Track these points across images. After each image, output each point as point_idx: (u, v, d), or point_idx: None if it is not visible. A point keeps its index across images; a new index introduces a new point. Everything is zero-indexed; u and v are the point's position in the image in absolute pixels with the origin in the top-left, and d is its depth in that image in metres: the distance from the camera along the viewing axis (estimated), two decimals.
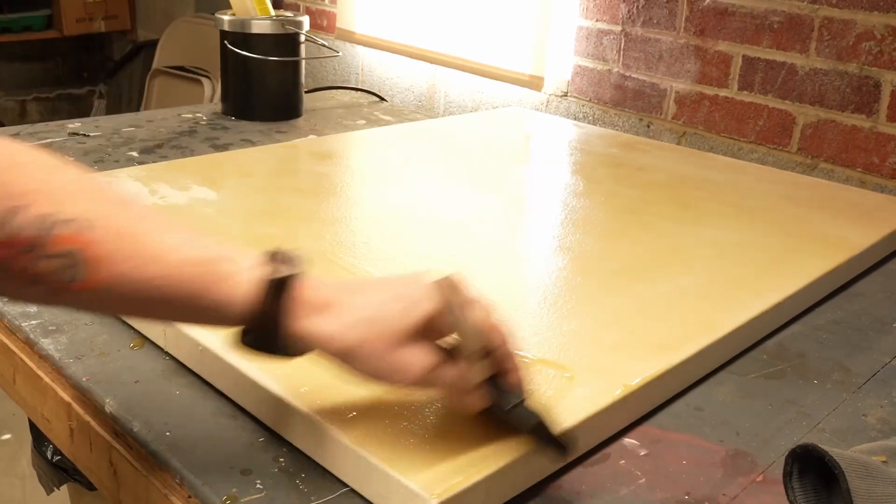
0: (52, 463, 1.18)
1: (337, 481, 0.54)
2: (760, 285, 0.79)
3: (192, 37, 2.70)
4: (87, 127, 1.31)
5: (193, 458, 0.55)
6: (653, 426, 0.63)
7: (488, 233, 0.90)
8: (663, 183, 1.09)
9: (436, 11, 1.83)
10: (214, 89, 2.53)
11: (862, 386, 0.70)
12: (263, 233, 0.84)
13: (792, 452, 0.52)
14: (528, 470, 0.55)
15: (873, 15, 1.21)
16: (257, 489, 0.53)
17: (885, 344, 0.77)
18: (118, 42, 3.31)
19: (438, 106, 1.86)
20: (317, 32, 2.11)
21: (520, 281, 0.79)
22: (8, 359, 0.74)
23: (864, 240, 0.92)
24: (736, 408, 0.65)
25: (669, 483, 0.56)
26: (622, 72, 1.52)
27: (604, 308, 0.73)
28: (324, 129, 1.38)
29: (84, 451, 0.65)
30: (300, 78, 1.43)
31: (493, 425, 0.54)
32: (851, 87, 1.24)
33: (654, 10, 1.45)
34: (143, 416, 0.59)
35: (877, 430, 0.64)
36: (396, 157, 1.16)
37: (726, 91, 1.39)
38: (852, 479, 0.48)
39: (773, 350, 0.75)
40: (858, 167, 1.26)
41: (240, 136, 1.31)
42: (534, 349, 0.65)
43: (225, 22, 1.36)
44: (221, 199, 0.93)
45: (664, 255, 0.86)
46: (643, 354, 0.66)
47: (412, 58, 1.88)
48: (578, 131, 1.37)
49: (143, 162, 1.14)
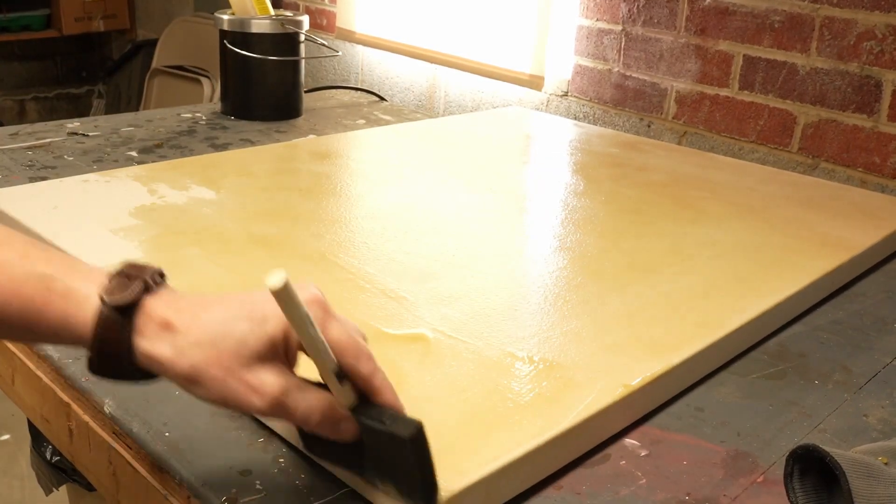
0: (51, 463, 1.18)
1: (337, 481, 0.53)
2: (761, 285, 0.79)
3: (191, 36, 2.69)
4: (86, 126, 1.31)
5: (193, 459, 0.55)
6: (653, 427, 0.63)
7: (488, 233, 0.90)
8: (664, 183, 1.09)
9: (436, 11, 1.82)
10: (214, 89, 2.53)
11: (863, 386, 0.69)
12: (262, 233, 0.84)
13: (793, 453, 0.52)
14: (529, 470, 0.54)
15: (874, 14, 1.20)
16: (257, 490, 0.53)
17: (886, 344, 0.77)
18: (117, 41, 3.31)
19: (438, 105, 1.86)
20: (316, 32, 2.11)
21: (520, 281, 0.79)
22: (7, 359, 0.74)
23: (865, 240, 0.92)
24: (737, 408, 0.65)
25: (670, 484, 0.56)
26: (623, 71, 1.52)
27: (604, 308, 0.73)
28: (323, 129, 1.37)
29: (83, 452, 0.64)
30: (300, 77, 1.43)
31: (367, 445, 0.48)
32: (852, 87, 1.24)
33: (654, 9, 1.45)
34: (143, 417, 0.59)
35: (878, 430, 0.64)
36: (396, 157, 1.16)
37: (727, 91, 1.39)
38: (853, 479, 0.48)
39: (774, 350, 0.74)
40: (859, 167, 1.26)
41: (239, 135, 1.31)
42: (534, 349, 0.65)
43: (224, 21, 1.36)
44: (220, 199, 0.93)
45: (664, 255, 0.85)
46: (643, 354, 0.66)
47: (412, 57, 1.88)
48: (579, 131, 1.37)
49: (142, 161, 1.14)
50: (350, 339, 0.46)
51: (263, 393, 0.44)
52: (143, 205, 0.89)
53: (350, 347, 0.46)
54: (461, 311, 0.70)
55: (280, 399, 0.45)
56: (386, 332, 0.66)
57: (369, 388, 0.47)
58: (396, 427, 0.46)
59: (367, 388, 0.47)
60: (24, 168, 1.09)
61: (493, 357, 0.64)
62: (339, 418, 0.47)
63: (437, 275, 0.77)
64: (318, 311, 0.46)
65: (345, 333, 0.46)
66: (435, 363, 0.62)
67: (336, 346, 0.46)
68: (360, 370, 0.46)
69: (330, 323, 0.46)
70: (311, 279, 0.74)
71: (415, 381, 0.60)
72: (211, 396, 0.45)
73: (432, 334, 0.66)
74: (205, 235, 0.82)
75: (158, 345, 0.45)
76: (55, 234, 0.79)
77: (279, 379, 0.45)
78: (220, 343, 0.44)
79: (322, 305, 0.46)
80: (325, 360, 0.45)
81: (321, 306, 0.46)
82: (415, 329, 0.67)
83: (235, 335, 0.44)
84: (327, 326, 0.46)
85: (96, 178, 0.97)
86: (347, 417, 0.47)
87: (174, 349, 0.44)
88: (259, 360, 0.45)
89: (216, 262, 0.76)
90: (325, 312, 0.46)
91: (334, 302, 0.70)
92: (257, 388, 0.44)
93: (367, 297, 0.72)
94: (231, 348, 0.44)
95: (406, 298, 0.72)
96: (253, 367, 0.44)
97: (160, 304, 0.46)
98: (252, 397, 0.44)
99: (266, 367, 0.45)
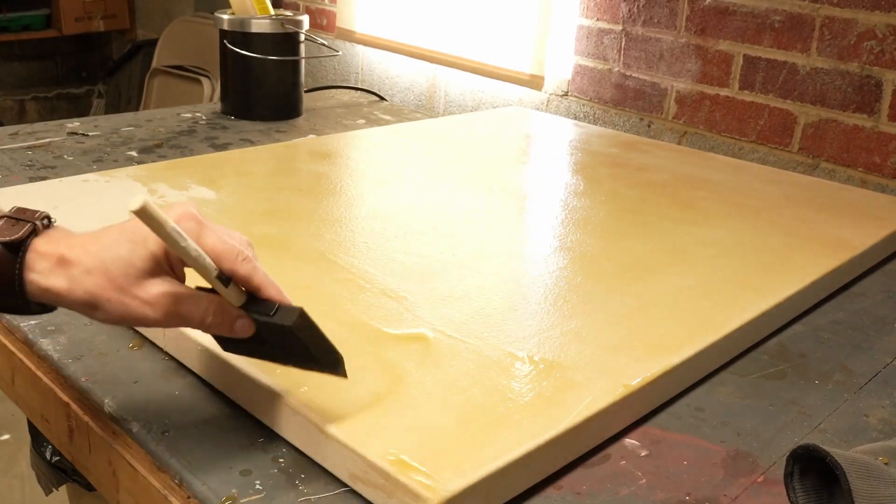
0: (51, 463, 1.18)
1: (337, 481, 0.53)
2: (761, 285, 0.79)
3: (191, 36, 2.69)
4: (86, 126, 1.31)
5: (193, 459, 0.55)
6: (653, 427, 0.63)
7: (488, 232, 0.90)
8: (664, 183, 1.09)
9: (436, 10, 1.82)
10: (214, 89, 2.53)
11: (863, 386, 0.69)
12: (262, 233, 0.84)
13: (793, 453, 0.52)
14: (529, 470, 0.54)
15: (874, 14, 1.20)
16: (257, 489, 0.53)
17: (886, 344, 0.77)
18: (117, 41, 3.31)
19: (438, 105, 1.86)
20: (316, 32, 2.11)
21: (520, 281, 0.79)
22: (7, 359, 0.74)
23: (866, 240, 0.92)
24: (737, 408, 0.65)
25: (670, 484, 0.56)
26: (623, 71, 1.52)
27: (604, 308, 0.73)
28: (323, 129, 1.37)
29: (83, 452, 0.64)
30: (300, 77, 1.43)
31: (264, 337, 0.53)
32: (853, 87, 1.24)
33: (654, 9, 1.45)
34: (143, 417, 0.59)
35: (878, 430, 0.64)
36: (396, 157, 1.16)
37: (727, 91, 1.39)
38: (854, 479, 0.48)
39: (774, 350, 0.74)
40: (860, 167, 1.26)
41: (239, 135, 1.31)
42: (534, 349, 0.65)
43: (224, 21, 1.36)
44: (220, 199, 0.93)
45: (665, 254, 0.85)
46: (643, 354, 0.66)
47: (412, 57, 1.88)
48: (579, 131, 1.37)
49: (142, 161, 1.14)
50: (224, 245, 0.50)
51: (156, 304, 0.49)
52: None
53: (226, 252, 0.50)
54: (461, 311, 0.70)
55: (172, 308, 0.50)
56: (386, 332, 0.66)
57: (251, 286, 0.51)
58: (280, 318, 0.51)
59: (250, 287, 0.51)
60: (24, 168, 1.09)
61: (493, 357, 0.64)
62: (232, 317, 0.52)
63: (437, 275, 0.77)
64: (190, 224, 0.50)
65: (219, 241, 0.50)
66: (435, 363, 0.62)
67: (212, 253, 0.50)
68: (238, 272, 0.50)
69: (204, 232, 0.50)
70: (311, 279, 0.75)
71: (415, 381, 0.60)
72: (111, 317, 0.50)
73: (432, 334, 0.66)
74: None
75: (53, 278, 0.49)
76: None
77: (168, 289, 0.50)
78: (109, 267, 0.49)
79: (194, 219, 0.50)
80: (204, 268, 0.50)
81: (194, 220, 0.50)
82: (415, 329, 0.67)
83: (122, 257, 0.49)
84: (202, 236, 0.50)
85: (96, 178, 0.97)
86: (239, 315, 0.52)
87: (69, 280, 0.49)
88: (147, 275, 0.49)
89: None
90: (199, 224, 0.50)
91: (334, 302, 0.71)
92: (150, 300, 0.49)
93: (367, 297, 0.72)
94: (120, 269, 0.49)
95: (406, 298, 0.72)
96: (143, 283, 0.49)
97: (50, 242, 0.50)
98: (146, 310, 0.49)
99: (154, 281, 0.50)
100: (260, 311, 0.52)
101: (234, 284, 0.51)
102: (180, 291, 0.50)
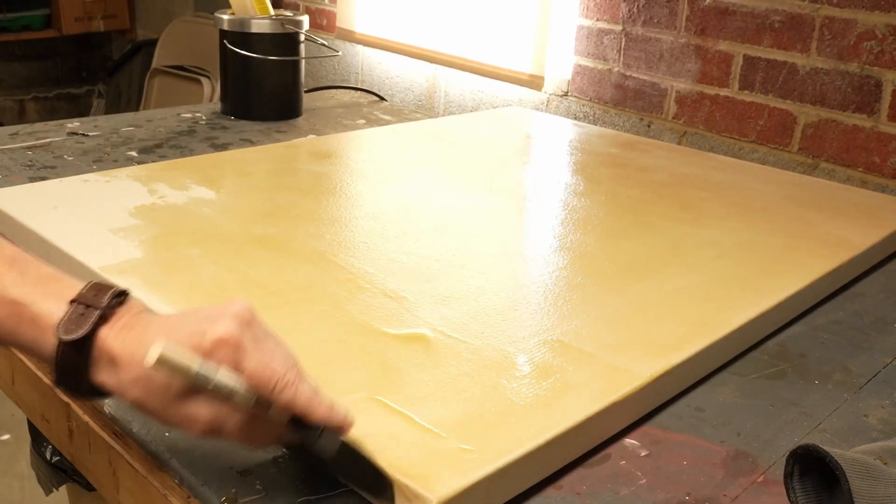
0: (51, 463, 1.18)
1: (336, 481, 0.53)
2: (761, 285, 0.79)
3: (191, 36, 2.69)
4: (85, 126, 1.31)
5: (192, 459, 0.55)
6: (653, 427, 0.63)
7: (488, 232, 0.90)
8: (664, 183, 1.09)
9: (436, 11, 1.82)
10: (214, 89, 2.53)
11: (863, 386, 0.69)
12: (262, 233, 0.84)
13: (793, 453, 0.52)
14: (528, 470, 0.54)
15: (874, 14, 1.20)
16: (257, 489, 0.53)
17: (886, 344, 0.77)
18: (117, 41, 3.31)
19: (438, 105, 1.86)
20: (316, 32, 2.11)
21: (520, 281, 0.79)
22: (7, 359, 0.74)
23: (865, 240, 0.92)
24: (737, 408, 0.65)
25: (670, 484, 0.56)
26: (623, 71, 1.52)
27: (604, 308, 0.73)
28: (323, 129, 1.37)
29: (83, 452, 0.64)
30: (300, 77, 1.43)
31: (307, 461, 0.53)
32: (852, 87, 1.24)
33: (654, 9, 1.45)
34: (143, 417, 0.59)
35: (878, 430, 0.64)
36: (396, 157, 1.16)
37: (727, 91, 1.39)
38: (853, 479, 0.48)
39: (774, 350, 0.74)
40: (859, 167, 1.26)
41: (239, 135, 1.31)
42: (534, 349, 0.65)
43: (224, 21, 1.36)
44: (220, 199, 0.93)
45: (665, 255, 0.85)
46: (643, 354, 0.66)
47: (412, 57, 1.88)
48: (579, 131, 1.37)
49: (142, 161, 1.14)
50: (263, 372, 0.47)
51: (196, 424, 0.48)
52: (143, 205, 0.89)
53: (263, 382, 0.47)
54: (461, 311, 0.70)
55: (212, 427, 0.49)
56: (386, 331, 0.66)
57: (293, 413, 0.49)
58: (321, 447, 0.49)
59: (294, 414, 0.49)
60: (24, 168, 1.09)
61: (493, 357, 0.64)
62: (273, 436, 0.51)
63: (437, 275, 0.77)
64: (227, 353, 0.47)
65: (258, 367, 0.47)
66: (435, 363, 0.62)
67: (249, 381, 0.47)
68: (277, 403, 0.48)
69: (243, 359, 0.47)
70: (311, 279, 0.75)
71: (415, 381, 0.60)
72: (160, 422, 0.50)
73: (432, 334, 0.66)
74: (205, 235, 0.82)
75: (107, 377, 0.49)
76: (55, 234, 0.79)
77: (208, 410, 0.48)
78: (152, 381, 0.48)
79: (232, 344, 0.47)
80: (241, 399, 0.47)
81: (231, 346, 0.47)
82: (415, 329, 0.67)
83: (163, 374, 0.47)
84: (240, 363, 0.47)
85: (96, 178, 0.97)
86: (280, 436, 0.50)
87: (119, 384, 0.49)
88: (188, 393, 0.48)
89: (216, 262, 0.76)
90: (236, 350, 0.47)
91: (334, 302, 0.71)
92: (188, 420, 0.48)
93: (367, 297, 0.72)
94: (161, 386, 0.48)
95: (406, 298, 0.72)
96: (184, 401, 0.48)
97: (111, 336, 0.49)
98: (188, 427, 0.49)
99: (195, 399, 0.48)
100: (303, 435, 0.50)
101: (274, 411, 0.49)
102: (218, 413, 0.48)
